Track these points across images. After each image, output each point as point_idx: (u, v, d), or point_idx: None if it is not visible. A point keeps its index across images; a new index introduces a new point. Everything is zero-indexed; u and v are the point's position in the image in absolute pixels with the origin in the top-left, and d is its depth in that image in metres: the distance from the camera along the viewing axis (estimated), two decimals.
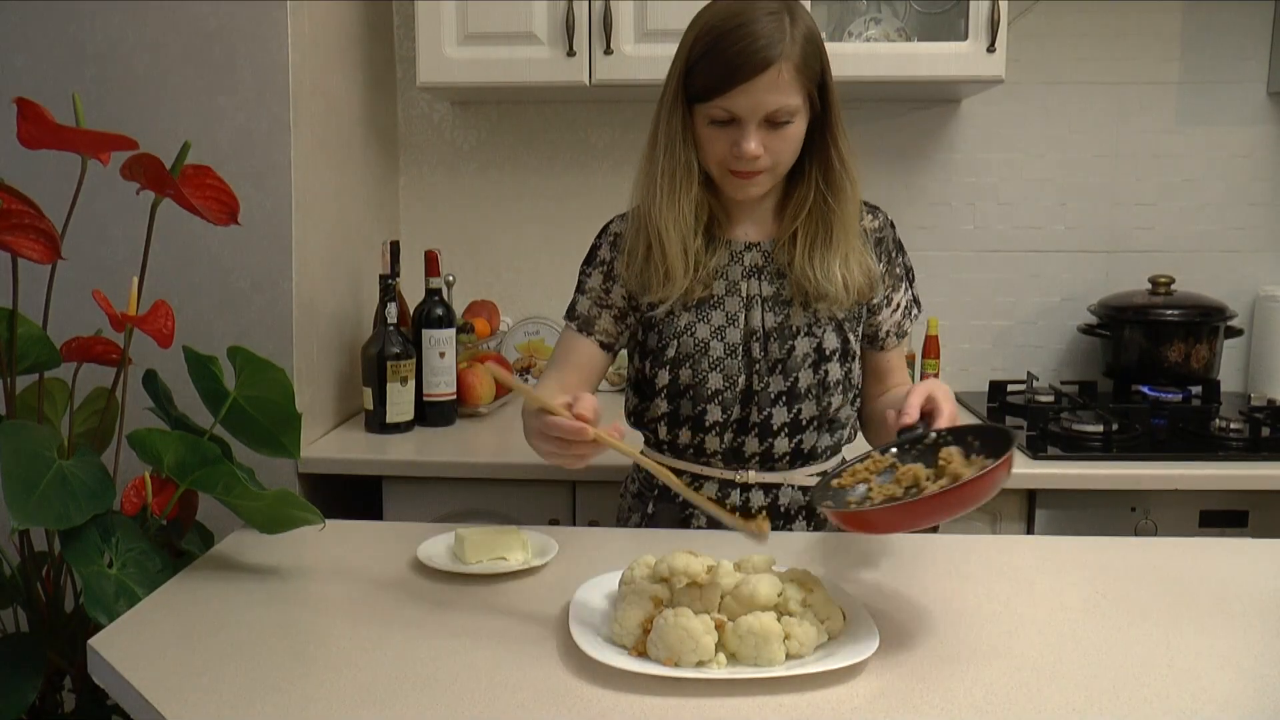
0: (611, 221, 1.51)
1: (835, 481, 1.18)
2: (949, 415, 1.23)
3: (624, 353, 1.55)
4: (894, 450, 1.21)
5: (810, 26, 1.32)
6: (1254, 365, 2.39)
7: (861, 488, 1.17)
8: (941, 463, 1.13)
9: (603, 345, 1.48)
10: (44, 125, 1.16)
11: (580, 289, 1.50)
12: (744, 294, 1.42)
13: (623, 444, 1.13)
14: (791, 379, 1.41)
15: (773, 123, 1.31)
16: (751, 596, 1.02)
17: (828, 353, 1.42)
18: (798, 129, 1.34)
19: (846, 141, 1.38)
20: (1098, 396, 2.27)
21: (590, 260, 1.50)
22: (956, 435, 1.18)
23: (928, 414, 1.23)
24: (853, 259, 1.40)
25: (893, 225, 1.51)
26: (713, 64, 1.29)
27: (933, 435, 1.20)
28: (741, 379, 1.41)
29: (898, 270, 1.50)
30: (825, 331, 1.42)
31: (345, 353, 2.11)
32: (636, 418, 1.50)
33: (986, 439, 1.14)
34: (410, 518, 1.86)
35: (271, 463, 1.69)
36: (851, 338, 1.45)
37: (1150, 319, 2.24)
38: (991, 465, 1.02)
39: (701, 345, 1.41)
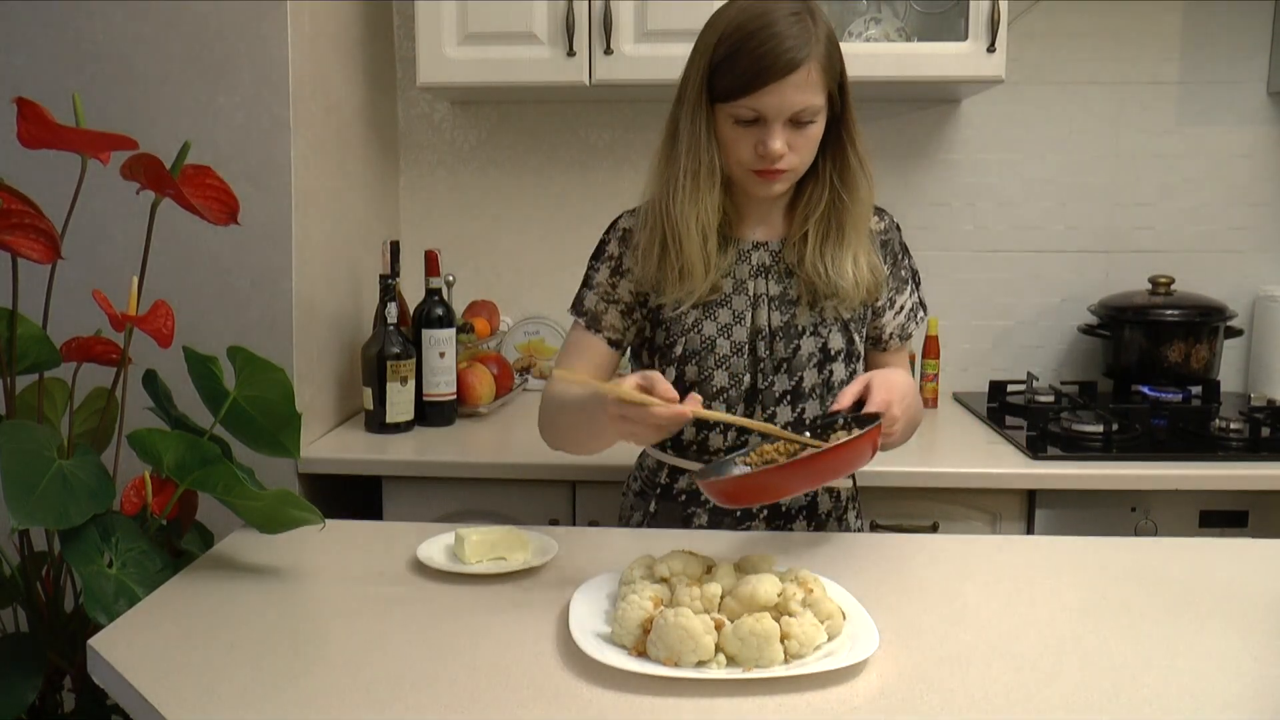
0: (620, 217, 1.50)
1: (741, 458, 1.26)
2: (879, 403, 1.26)
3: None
4: (808, 434, 1.28)
5: (829, 26, 1.33)
6: (1254, 365, 2.39)
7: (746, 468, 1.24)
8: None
9: (610, 342, 1.47)
10: (44, 125, 1.16)
11: (587, 283, 1.49)
12: (751, 293, 1.43)
13: (720, 414, 1.23)
14: (796, 378, 1.41)
15: (797, 122, 1.32)
16: (751, 596, 1.02)
17: (833, 352, 1.42)
18: (819, 128, 1.35)
19: (862, 139, 1.40)
20: (1098, 396, 2.27)
21: (598, 255, 1.49)
22: (860, 420, 1.24)
23: (863, 401, 1.28)
24: (862, 257, 1.41)
25: (898, 228, 1.51)
26: (740, 63, 1.29)
27: (840, 419, 1.26)
28: (747, 377, 1.41)
29: (902, 273, 1.50)
30: (831, 332, 1.42)
31: (345, 353, 2.11)
32: None
33: (865, 422, 1.22)
34: (410, 518, 1.86)
35: (271, 463, 1.69)
36: (856, 338, 1.45)
37: (1150, 319, 2.24)
38: (841, 440, 1.13)
39: (708, 342, 1.41)
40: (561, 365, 1.51)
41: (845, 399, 1.27)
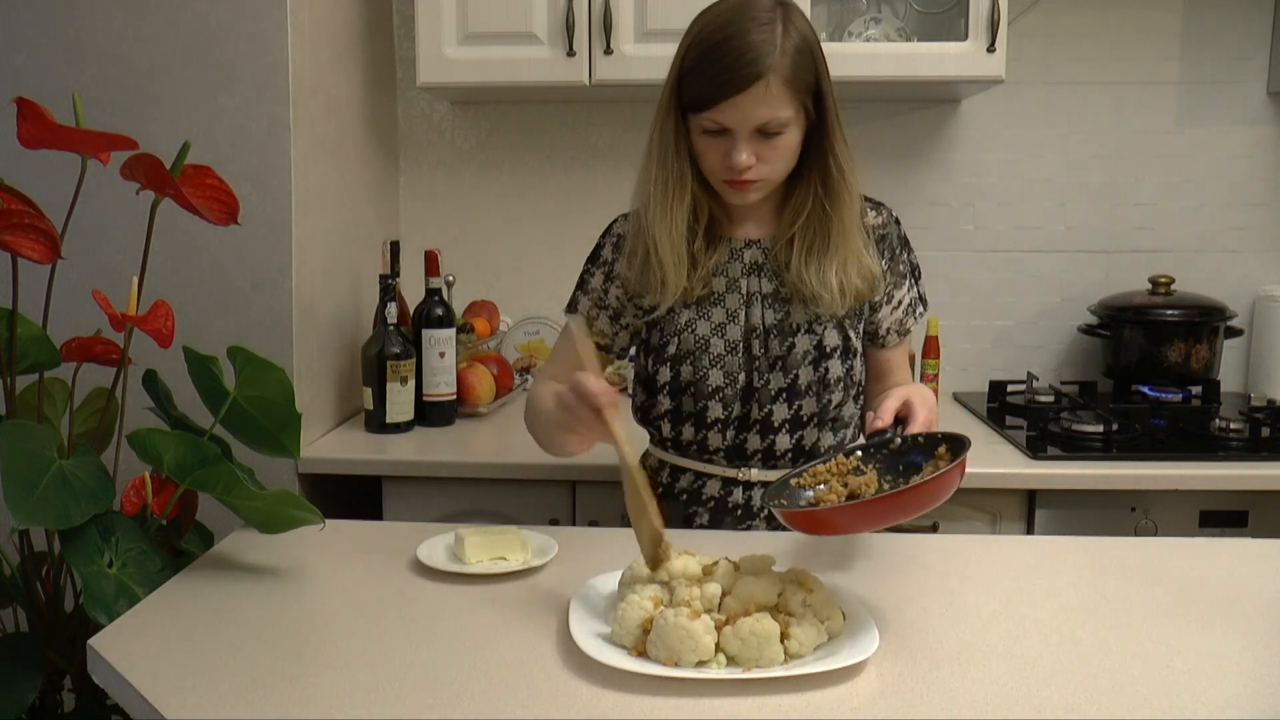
0: (616, 221, 1.51)
1: (795, 481, 1.20)
2: (923, 422, 1.23)
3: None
4: (859, 453, 1.22)
5: (804, 34, 1.31)
6: (1254, 365, 2.39)
7: (811, 491, 1.18)
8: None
9: (600, 346, 1.49)
10: (44, 125, 1.16)
11: (582, 286, 1.50)
12: (744, 291, 1.43)
13: (621, 437, 1.15)
14: (792, 375, 1.41)
15: (765, 133, 1.31)
16: (751, 596, 1.02)
17: (828, 349, 1.42)
18: (791, 138, 1.33)
19: (845, 148, 1.37)
20: (1098, 396, 2.27)
21: (594, 259, 1.50)
22: (929, 440, 1.19)
23: (903, 419, 1.24)
24: (851, 263, 1.40)
25: (898, 221, 1.49)
26: (702, 76, 1.29)
27: (898, 440, 1.21)
28: (742, 376, 1.41)
29: (900, 268, 1.49)
30: (826, 329, 1.42)
31: (345, 353, 2.11)
32: (643, 414, 1.51)
33: (954, 445, 1.15)
34: (410, 518, 1.86)
35: (271, 463, 1.69)
36: (852, 335, 1.45)
37: (1150, 319, 2.24)
38: (936, 473, 1.04)
39: (702, 342, 1.41)
40: (551, 365, 1.53)
41: (886, 416, 1.23)
